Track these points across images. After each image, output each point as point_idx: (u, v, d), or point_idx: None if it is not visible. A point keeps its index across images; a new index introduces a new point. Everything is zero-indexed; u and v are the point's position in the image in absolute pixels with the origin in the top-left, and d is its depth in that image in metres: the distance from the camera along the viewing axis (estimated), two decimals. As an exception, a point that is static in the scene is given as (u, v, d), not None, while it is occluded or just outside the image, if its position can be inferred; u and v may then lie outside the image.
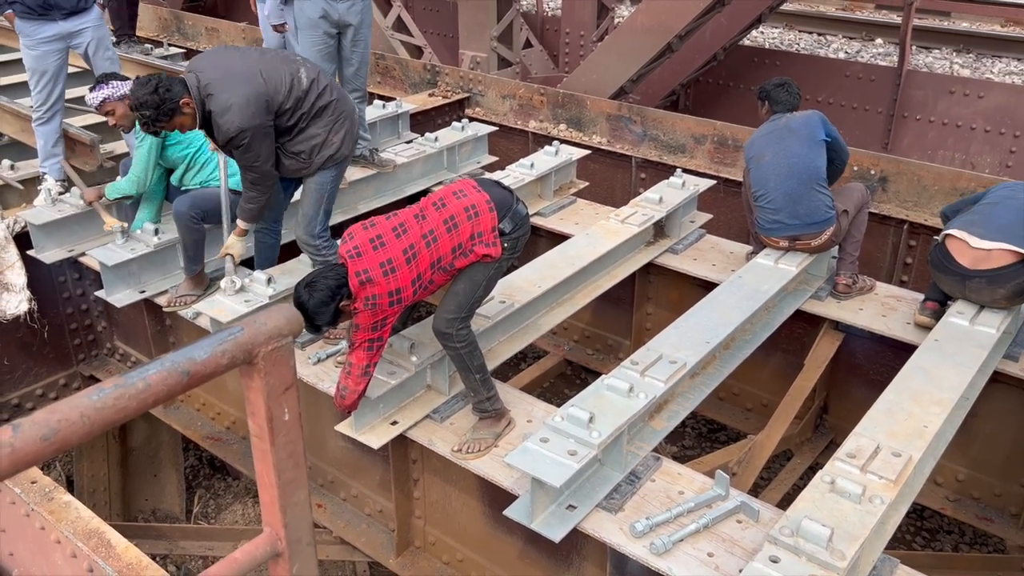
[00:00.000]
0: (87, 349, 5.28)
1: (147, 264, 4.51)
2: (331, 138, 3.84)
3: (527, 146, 6.70)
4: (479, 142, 6.02)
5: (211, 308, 3.97)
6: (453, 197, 3.30)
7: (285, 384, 1.35)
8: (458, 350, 3.36)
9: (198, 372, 1.21)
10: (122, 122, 4.25)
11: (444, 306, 3.35)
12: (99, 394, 1.12)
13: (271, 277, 4.08)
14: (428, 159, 5.72)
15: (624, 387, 3.29)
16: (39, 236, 4.67)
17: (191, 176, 4.43)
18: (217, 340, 1.24)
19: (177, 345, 4.79)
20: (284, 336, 1.32)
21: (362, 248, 3.17)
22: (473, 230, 3.24)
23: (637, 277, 4.94)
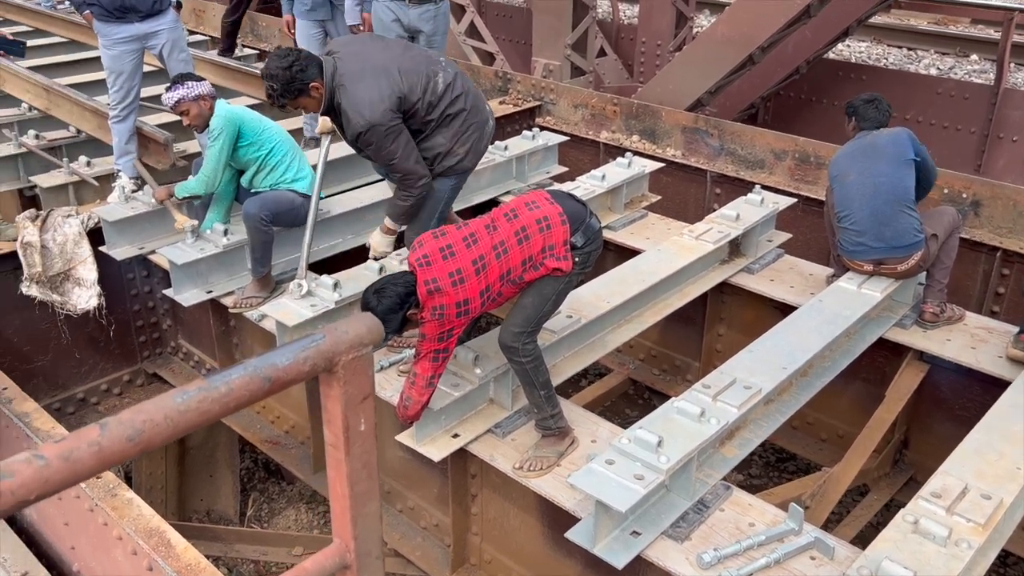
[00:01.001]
0: (152, 346, 5.44)
1: (215, 264, 4.62)
2: (456, 148, 3.84)
3: (598, 157, 6.70)
4: (549, 152, 6.03)
5: (276, 311, 4.04)
6: (525, 208, 3.31)
7: (363, 394, 1.36)
8: (523, 364, 3.37)
9: (279, 378, 1.23)
10: (195, 122, 4.37)
11: (511, 319, 3.36)
12: (183, 396, 1.14)
13: (337, 282, 4.15)
14: (497, 168, 5.75)
15: (695, 411, 3.24)
16: (111, 232, 4.84)
17: (262, 178, 4.53)
18: (299, 347, 1.26)
19: (241, 347, 4.90)
20: (364, 346, 1.33)
21: (432, 257, 3.20)
22: (544, 243, 3.25)
23: (710, 297, 4.89)
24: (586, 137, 6.76)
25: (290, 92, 3.68)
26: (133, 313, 5.29)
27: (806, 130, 7.42)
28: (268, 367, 1.22)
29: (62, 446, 1.05)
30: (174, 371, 5.36)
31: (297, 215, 4.52)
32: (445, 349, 3.25)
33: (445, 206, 4.01)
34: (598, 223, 3.40)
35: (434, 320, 3.17)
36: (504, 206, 3.40)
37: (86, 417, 5.25)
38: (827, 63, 8.00)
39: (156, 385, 5.48)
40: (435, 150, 3.83)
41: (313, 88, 3.67)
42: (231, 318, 4.83)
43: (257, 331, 4.61)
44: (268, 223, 4.33)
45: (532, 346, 3.37)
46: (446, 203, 4.00)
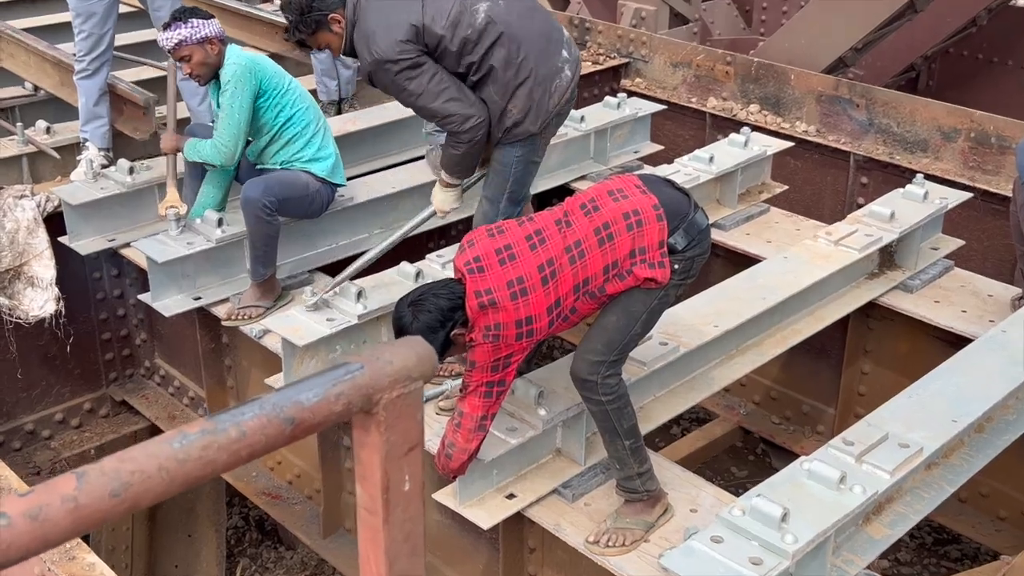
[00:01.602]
0: (121, 367, 5.55)
1: (205, 264, 4.69)
2: (510, 107, 3.87)
3: (704, 132, 6.67)
4: (639, 125, 6.02)
5: (284, 326, 4.10)
6: (609, 199, 3.31)
7: (409, 443, 1.35)
8: (603, 405, 3.35)
9: (304, 421, 1.22)
10: (198, 72, 4.41)
11: (588, 344, 3.35)
12: (182, 441, 1.14)
13: (362, 290, 4.18)
14: (569, 145, 5.75)
15: (833, 476, 3.19)
16: (74, 219, 4.95)
17: (274, 152, 4.59)
18: (330, 380, 1.26)
19: (235, 370, 4.97)
20: (413, 380, 1.32)
21: (485, 260, 3.21)
22: (634, 244, 3.24)
23: (852, 321, 4.84)
24: (688, 106, 6.74)
25: (307, 24, 3.82)
26: (99, 323, 5.40)
27: (985, 101, 7.27)
28: (291, 406, 1.21)
29: (29, 501, 1.06)
30: (148, 399, 5.46)
31: (311, 204, 4.58)
32: (501, 382, 3.25)
33: (515, 184, 4.03)
34: (705, 219, 3.38)
35: (487, 343, 3.18)
36: (581, 195, 3.40)
37: (35, 455, 5.38)
38: (1015, 12, 7.84)
39: (125, 416, 5.59)
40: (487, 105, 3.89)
41: (333, 20, 3.82)
42: (223, 333, 4.89)
43: (256, 351, 4.68)
44: (273, 211, 4.39)
45: (615, 381, 3.35)
46: (515, 180, 4.02)
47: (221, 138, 4.43)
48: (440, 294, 3.20)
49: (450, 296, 3.19)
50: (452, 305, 3.18)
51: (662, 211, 3.26)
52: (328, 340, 4.11)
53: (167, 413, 5.37)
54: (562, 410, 3.63)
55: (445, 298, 3.19)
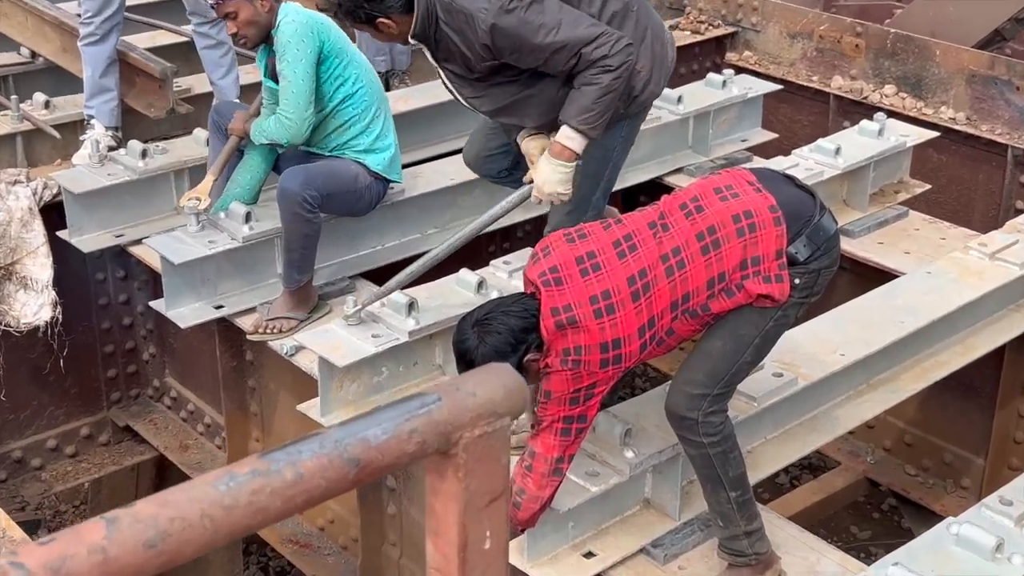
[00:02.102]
0: (125, 386, 5.62)
1: (229, 266, 4.75)
2: (637, 67, 3.83)
3: (827, 118, 6.63)
4: (748, 108, 5.99)
5: (320, 342, 4.12)
6: (715, 197, 3.30)
7: (492, 492, 1.35)
8: (705, 448, 3.34)
9: (371, 463, 1.22)
10: (246, 31, 4.45)
11: (688, 374, 3.34)
12: (229, 484, 1.15)
13: (413, 302, 4.20)
14: (662, 132, 5.73)
15: (987, 543, 3.15)
16: (76, 210, 5.04)
17: (324, 133, 4.60)
18: (402, 414, 1.26)
19: (259, 393, 5.02)
20: (499, 416, 1.32)
21: (564, 271, 3.21)
22: (746, 253, 3.22)
23: (1008, 353, 4.79)
24: (808, 85, 6.70)
25: (355, 17, 3.77)
26: (101, 334, 5.48)
27: None
28: (356, 443, 1.21)
29: (50, 552, 1.07)
30: (156, 425, 5.53)
31: (358, 200, 4.62)
32: (581, 417, 3.24)
33: (613, 171, 4.03)
34: (834, 224, 3.36)
35: (566, 370, 3.17)
36: (681, 193, 3.38)
37: (22, 487, 5.48)
38: None
39: (128, 444, 5.67)
40: None
41: (383, 24, 3.75)
42: (248, 349, 4.94)
43: (286, 371, 4.72)
44: (314, 207, 4.43)
45: (720, 419, 3.33)
46: (614, 167, 4.03)
47: (286, 110, 4.42)
48: (511, 312, 3.21)
49: (523, 314, 3.20)
50: (525, 325, 3.18)
51: (781, 213, 3.24)
52: (372, 361, 4.13)
53: (178, 442, 5.44)
54: (653, 452, 3.61)
55: (517, 316, 3.19)
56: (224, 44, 5.56)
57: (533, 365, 3.20)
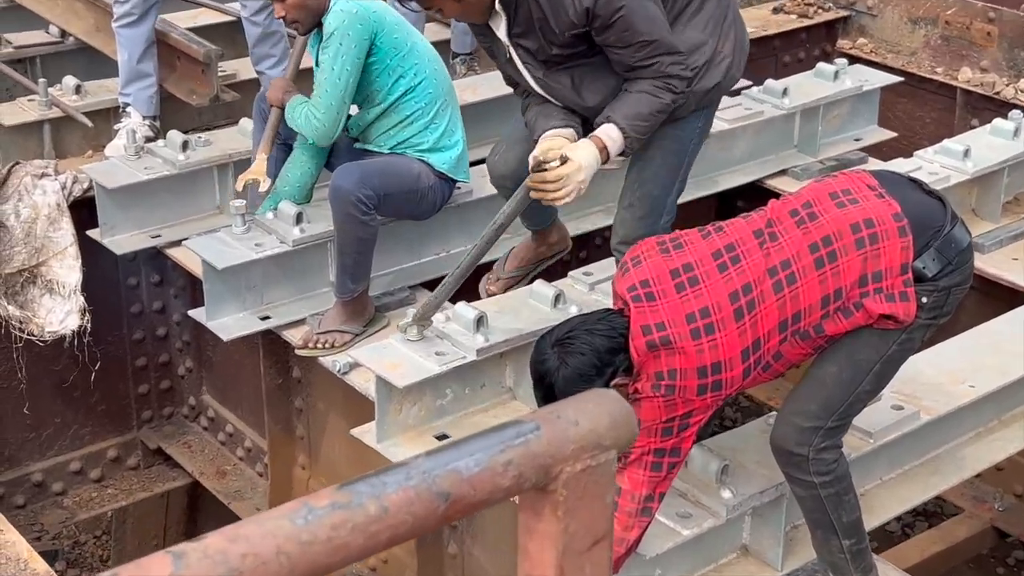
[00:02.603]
0: (157, 404, 5.68)
1: (277, 272, 4.78)
2: (720, 48, 3.93)
3: (953, 115, 6.57)
4: (863, 102, 5.95)
5: (378, 359, 4.14)
6: (831, 203, 3.28)
7: (594, 534, 1.35)
8: (816, 488, 3.32)
9: (463, 498, 1.23)
10: (295, 16, 4.49)
11: (798, 404, 3.34)
12: (307, 517, 1.16)
13: (482, 316, 4.21)
14: (764, 129, 5.72)
15: None
16: (109, 207, 5.11)
17: (382, 129, 4.65)
18: (496, 443, 1.27)
19: (307, 414, 5.05)
20: (604, 449, 1.32)
21: (657, 285, 3.22)
22: (866, 268, 3.20)
23: None
24: (932, 78, 6.65)
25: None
26: (132, 345, 5.55)
27: None
28: (446, 475, 1.22)
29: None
30: (191, 448, 5.59)
31: (420, 202, 4.64)
32: (675, 450, 3.24)
33: (688, 168, 4.07)
34: (967, 236, 3.34)
35: (658, 397, 3.18)
36: (791, 198, 3.38)
37: (42, 513, 5.55)
38: None
39: (159, 469, 5.73)
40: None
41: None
42: (295, 364, 4.98)
43: (338, 391, 4.74)
44: (371, 208, 4.45)
45: (833, 456, 3.32)
46: (689, 163, 4.07)
47: (316, 108, 4.50)
48: (596, 330, 3.21)
49: (609, 333, 3.20)
50: (612, 345, 3.19)
51: (906, 223, 3.22)
52: (436, 381, 4.15)
53: (215, 468, 5.49)
54: (753, 493, 3.59)
55: (603, 335, 3.19)
56: (276, 33, 5.61)
57: (621, 391, 3.20)
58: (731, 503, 3.56)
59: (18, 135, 5.74)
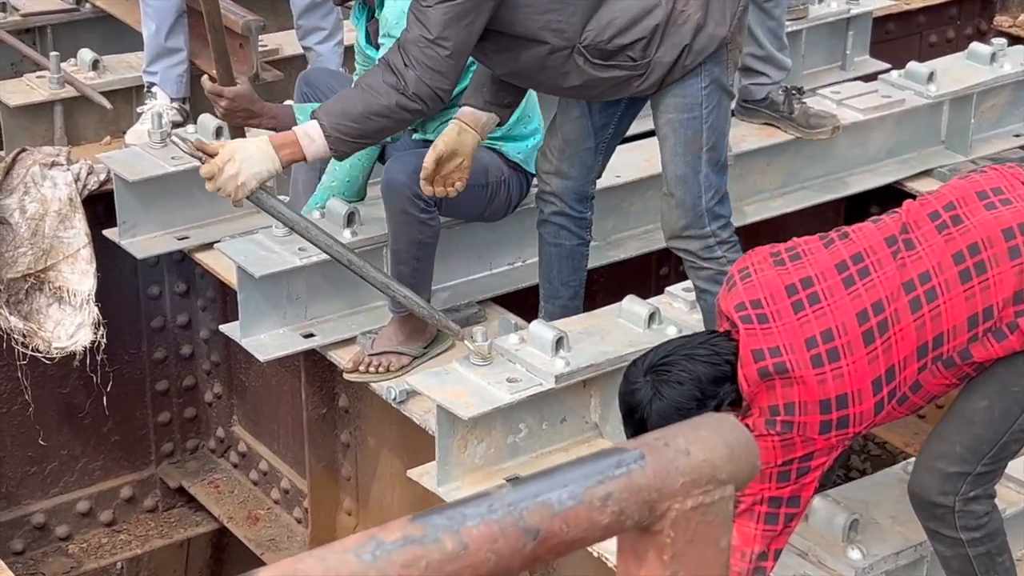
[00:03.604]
0: (180, 435, 5.73)
1: (324, 282, 4.82)
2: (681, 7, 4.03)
3: None
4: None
5: (439, 386, 4.17)
6: (979, 204, 3.29)
7: (706, 581, 1.37)
8: (963, 546, 3.32)
9: (554, 535, 1.25)
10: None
11: (940, 445, 3.34)
12: (374, 553, 1.18)
13: (563, 337, 4.22)
14: (905, 120, 5.72)
15: None
16: (129, 203, 5.18)
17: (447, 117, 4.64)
18: (594, 474, 1.28)
19: (356, 451, 5.09)
20: (720, 484, 1.34)
21: (771, 305, 3.23)
22: (1022, 282, 3.21)
23: None
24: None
25: None
26: (151, 365, 5.60)
27: None
28: (535, 509, 1.24)
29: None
30: (219, 488, 5.63)
31: (492, 199, 4.67)
32: (793, 500, 3.24)
33: (712, 133, 4.17)
34: None
35: (772, 435, 3.18)
36: (931, 199, 3.39)
37: (43, 561, 5.58)
38: None
39: (181, 512, 5.77)
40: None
41: None
42: (342, 391, 5.01)
43: (392, 423, 4.78)
44: (432, 206, 4.47)
45: (985, 507, 3.31)
46: (711, 127, 4.16)
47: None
48: (697, 356, 3.23)
49: (713, 359, 3.22)
50: (717, 374, 3.20)
51: None
52: (508, 413, 4.17)
53: (246, 512, 5.52)
54: (888, 554, 3.59)
55: (705, 362, 3.21)
56: (326, 3, 5.64)
57: None
58: (861, 565, 3.55)
59: (25, 117, 5.79)
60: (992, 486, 3.32)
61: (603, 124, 4.42)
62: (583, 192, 4.50)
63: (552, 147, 4.47)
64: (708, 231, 4.18)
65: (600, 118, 4.40)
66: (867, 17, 6.39)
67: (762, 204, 5.47)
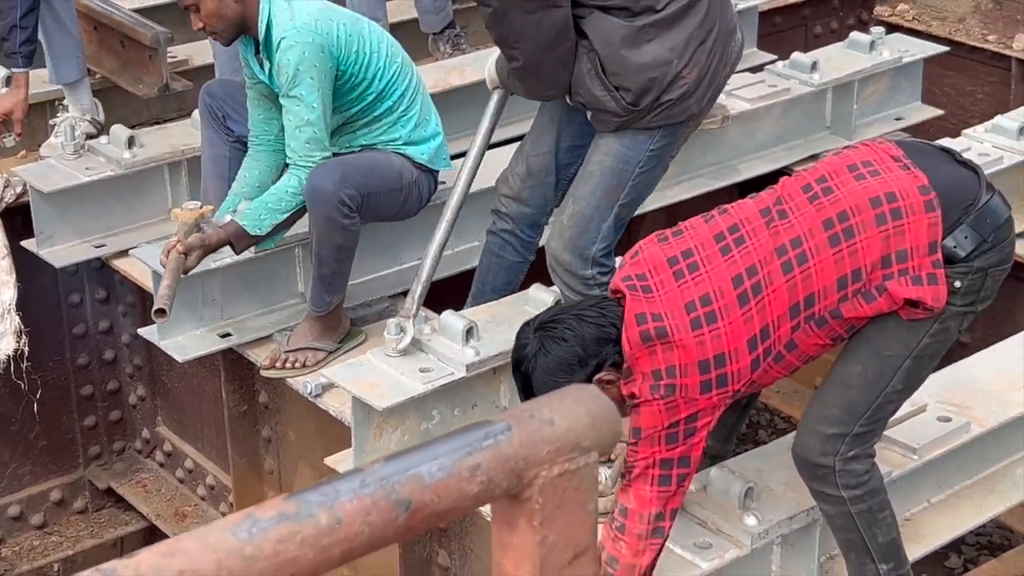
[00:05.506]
0: (106, 437, 5.70)
1: (239, 284, 4.82)
2: (684, 72, 4.00)
3: (1008, 89, 6.59)
4: (904, 76, 6.00)
5: (355, 378, 4.18)
6: (849, 175, 3.34)
7: (575, 546, 1.38)
8: (845, 504, 3.36)
9: (425, 506, 1.26)
10: (214, 25, 4.54)
11: (820, 408, 3.38)
12: (250, 530, 1.19)
13: (473, 327, 4.24)
14: (791, 109, 5.77)
15: None
16: (46, 213, 5.14)
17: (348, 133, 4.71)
18: (462, 446, 1.30)
19: (277, 445, 5.09)
20: (584, 451, 1.36)
21: (655, 277, 3.28)
22: (888, 247, 3.25)
23: None
24: (983, 47, 6.66)
25: None
26: (76, 371, 5.57)
27: None
28: (406, 482, 1.26)
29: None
30: (146, 487, 5.61)
31: (406, 200, 4.69)
32: (683, 459, 3.27)
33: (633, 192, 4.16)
34: (1005, 208, 3.37)
35: (657, 399, 3.22)
36: (805, 173, 3.45)
37: (-23, 566, 5.55)
38: None
39: (110, 512, 5.74)
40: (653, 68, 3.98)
41: None
42: (261, 388, 5.01)
43: (311, 417, 4.78)
44: (354, 211, 4.48)
45: (864, 466, 3.35)
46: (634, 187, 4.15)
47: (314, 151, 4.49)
48: (585, 317, 3.28)
49: (599, 320, 3.27)
50: (601, 335, 3.25)
51: (934, 196, 3.27)
52: (421, 402, 4.19)
53: (173, 509, 5.50)
54: (782, 519, 3.62)
55: (592, 323, 3.26)
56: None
57: (608, 389, 3.24)
58: (756, 531, 3.59)
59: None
60: (871, 446, 3.37)
61: (568, 163, 4.43)
62: (536, 221, 4.53)
63: (516, 173, 4.49)
64: (588, 274, 4.18)
65: (566, 157, 4.42)
66: (754, 11, 6.45)
67: (658, 193, 5.44)
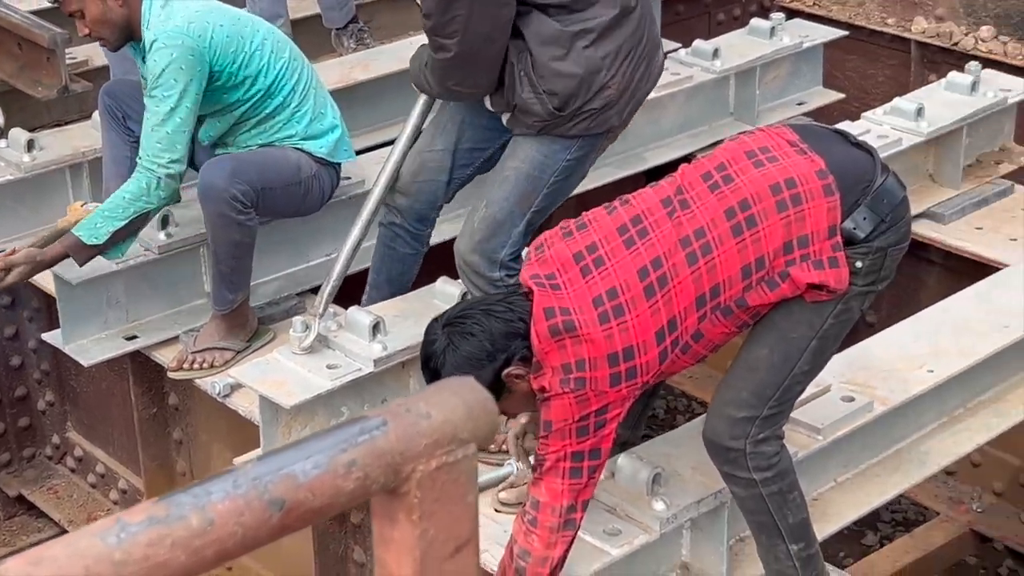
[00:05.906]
0: (16, 444, 5.62)
1: (143, 284, 4.78)
2: (609, 82, 4.00)
3: (907, 71, 6.65)
4: (805, 61, 6.05)
5: (262, 377, 4.16)
6: (748, 162, 3.35)
7: (457, 539, 1.36)
8: (755, 486, 3.38)
9: (300, 504, 1.24)
10: (99, 32, 4.51)
11: (728, 392, 3.40)
12: (119, 536, 1.16)
13: (379, 322, 4.23)
14: (694, 95, 5.80)
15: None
16: (-56, 219, 5.08)
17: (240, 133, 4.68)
18: (337, 442, 1.28)
19: (188, 447, 5.05)
20: (462, 443, 1.34)
21: (563, 274, 3.27)
22: (790, 233, 3.27)
23: None
24: (882, 31, 6.71)
25: None
26: (-17, 379, 5.51)
27: None
28: (279, 481, 1.23)
29: None
30: (57, 493, 5.55)
31: (306, 196, 4.65)
32: (594, 452, 3.28)
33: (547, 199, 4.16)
34: (900, 188, 3.40)
35: (567, 393, 3.22)
36: (704, 160, 3.45)
37: None
38: None
39: (22, 520, 5.67)
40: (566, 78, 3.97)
41: None
42: (170, 390, 4.98)
43: (220, 417, 4.75)
44: (248, 207, 4.44)
45: (773, 448, 3.37)
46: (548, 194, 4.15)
47: (164, 152, 4.37)
48: (493, 312, 3.27)
49: (507, 316, 3.26)
50: (509, 330, 3.25)
51: (832, 180, 3.29)
52: (329, 398, 4.18)
53: (86, 514, 5.44)
54: (690, 503, 3.63)
55: (500, 318, 3.26)
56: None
57: (518, 384, 3.26)
58: (665, 516, 3.60)
59: None
60: (780, 427, 3.39)
61: (464, 164, 4.42)
62: (425, 216, 4.51)
63: (408, 168, 4.45)
64: (496, 276, 4.17)
65: (463, 158, 4.41)
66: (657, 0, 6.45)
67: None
